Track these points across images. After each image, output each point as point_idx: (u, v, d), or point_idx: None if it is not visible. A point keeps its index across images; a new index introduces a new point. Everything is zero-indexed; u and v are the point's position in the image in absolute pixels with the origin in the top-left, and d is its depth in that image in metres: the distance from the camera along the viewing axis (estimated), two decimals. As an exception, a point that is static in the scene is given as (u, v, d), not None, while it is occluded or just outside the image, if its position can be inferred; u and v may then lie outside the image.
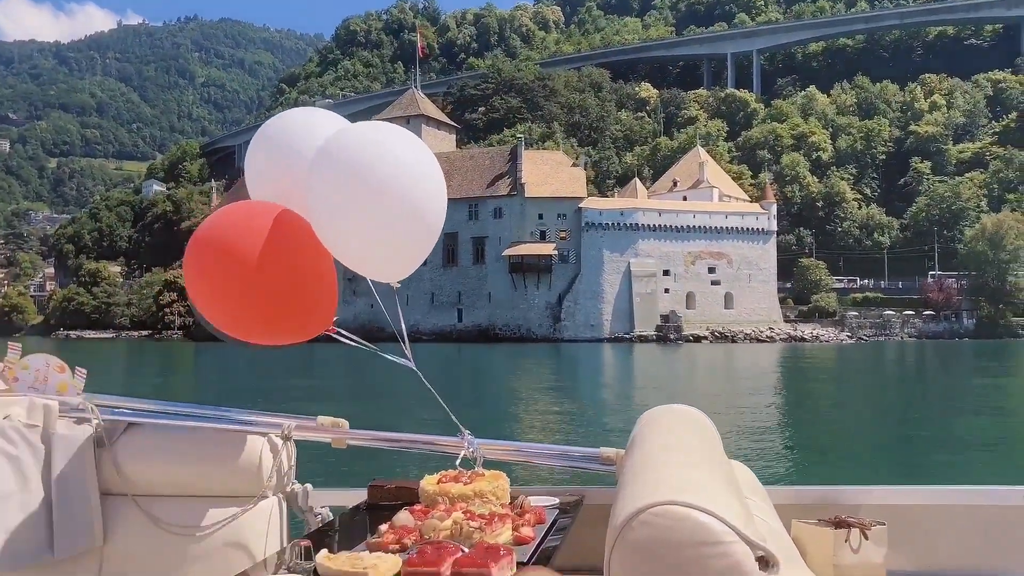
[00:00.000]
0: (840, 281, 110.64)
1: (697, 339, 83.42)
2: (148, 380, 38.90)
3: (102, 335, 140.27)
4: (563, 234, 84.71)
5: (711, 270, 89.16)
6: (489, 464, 2.50)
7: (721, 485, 1.68)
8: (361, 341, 2.67)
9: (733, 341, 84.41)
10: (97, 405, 2.57)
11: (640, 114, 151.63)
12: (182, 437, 2.55)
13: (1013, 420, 22.76)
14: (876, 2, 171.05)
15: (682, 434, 2.13)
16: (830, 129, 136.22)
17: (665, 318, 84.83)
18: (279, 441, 2.58)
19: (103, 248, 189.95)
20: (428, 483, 2.23)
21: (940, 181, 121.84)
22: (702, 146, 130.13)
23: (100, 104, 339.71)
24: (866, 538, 2.18)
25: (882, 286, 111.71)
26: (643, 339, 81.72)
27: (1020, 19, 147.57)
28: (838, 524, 2.20)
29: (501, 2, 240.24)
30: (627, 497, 1.57)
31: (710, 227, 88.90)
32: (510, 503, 2.18)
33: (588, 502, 2.38)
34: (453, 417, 2.66)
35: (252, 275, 2.24)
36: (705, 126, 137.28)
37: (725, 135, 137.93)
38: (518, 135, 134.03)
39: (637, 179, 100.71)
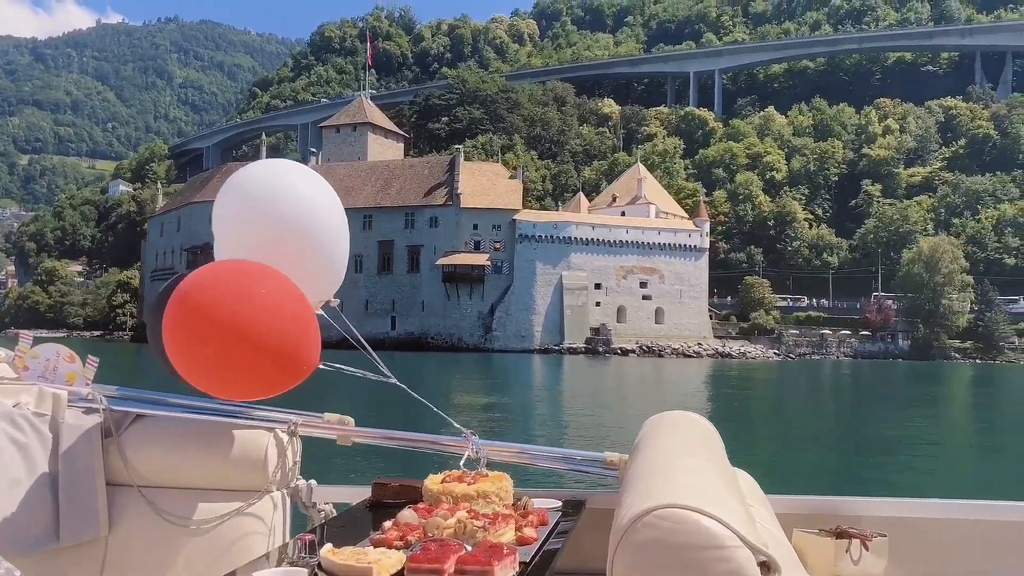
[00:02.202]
0: (784, 300, 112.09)
1: (625, 352, 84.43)
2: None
3: (54, 334, 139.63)
4: (497, 245, 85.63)
5: (643, 284, 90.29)
6: (492, 466, 2.53)
7: (725, 490, 1.68)
8: (348, 368, 2.73)
9: (660, 355, 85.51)
10: (105, 396, 2.60)
11: (601, 129, 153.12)
12: (189, 430, 2.57)
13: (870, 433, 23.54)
14: (839, 26, 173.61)
15: (686, 439, 2.17)
16: (785, 150, 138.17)
17: (595, 331, 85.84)
18: (285, 437, 2.60)
19: (65, 247, 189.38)
20: (432, 482, 2.26)
21: (889, 204, 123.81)
22: (659, 163, 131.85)
23: (75, 102, 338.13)
24: (867, 549, 2.17)
25: (826, 306, 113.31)
26: (572, 351, 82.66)
27: (975, 48, 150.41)
28: (839, 534, 2.20)
29: (478, 14, 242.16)
30: (631, 500, 1.58)
31: (643, 242, 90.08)
32: (513, 504, 2.20)
33: (590, 506, 2.40)
34: (453, 422, 2.70)
35: (240, 338, 2.22)
36: (663, 143, 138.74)
37: (682, 152, 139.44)
38: (475, 146, 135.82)
39: (581, 193, 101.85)
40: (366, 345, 2.67)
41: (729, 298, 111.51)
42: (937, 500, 2.47)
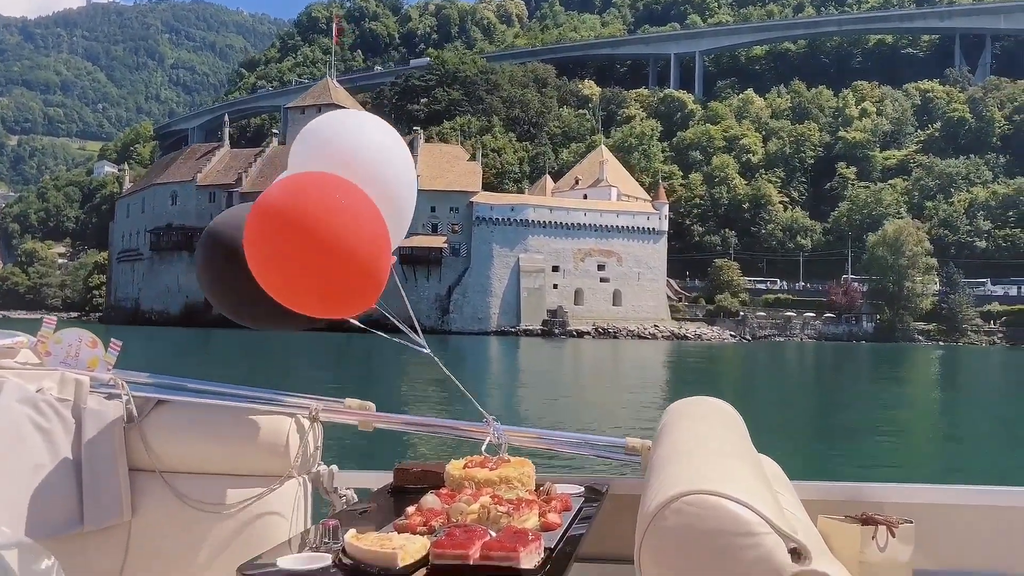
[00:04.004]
0: (754, 283, 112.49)
1: (580, 334, 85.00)
2: None
3: (32, 316, 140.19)
4: (455, 227, 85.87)
5: (600, 267, 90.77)
6: (513, 451, 2.52)
7: (752, 476, 1.68)
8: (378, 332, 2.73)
9: (615, 337, 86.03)
10: (127, 381, 2.61)
11: (581, 111, 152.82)
12: (210, 415, 2.58)
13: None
14: (822, 8, 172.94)
15: (712, 425, 2.18)
16: (763, 132, 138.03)
17: (552, 313, 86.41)
18: (306, 422, 2.61)
19: (49, 228, 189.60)
20: (454, 468, 2.25)
21: (863, 187, 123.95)
22: (636, 146, 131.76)
23: (65, 82, 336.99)
24: (893, 536, 2.15)
25: (796, 288, 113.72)
26: (528, 333, 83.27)
27: (955, 31, 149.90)
28: (865, 521, 2.18)
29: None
30: (658, 486, 1.57)
31: (601, 225, 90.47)
32: (536, 490, 2.20)
33: (613, 491, 2.40)
34: (478, 405, 2.67)
35: (328, 244, 2.19)
36: (640, 125, 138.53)
37: (660, 135, 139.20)
38: (453, 127, 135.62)
39: (548, 175, 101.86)
40: (410, 312, 2.64)
41: (698, 281, 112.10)
42: (964, 486, 2.46)
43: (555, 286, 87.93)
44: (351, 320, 2.48)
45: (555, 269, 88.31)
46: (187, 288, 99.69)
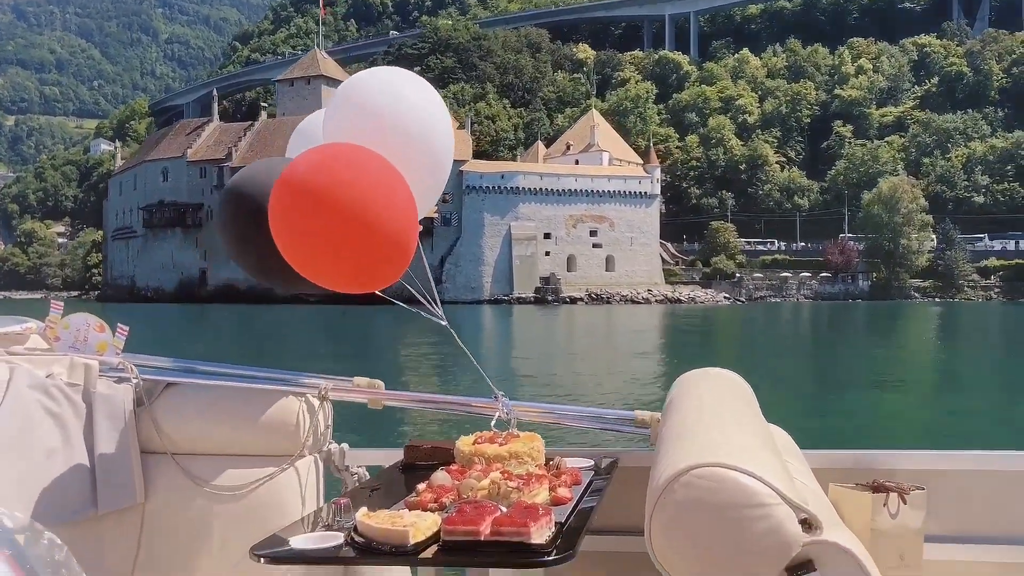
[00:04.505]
0: (751, 244, 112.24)
1: (573, 301, 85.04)
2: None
3: (32, 295, 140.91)
4: (446, 197, 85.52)
5: (592, 233, 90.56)
6: (523, 426, 2.51)
7: (762, 448, 1.69)
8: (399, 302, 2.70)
9: (608, 303, 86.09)
10: (136, 365, 2.63)
11: (576, 76, 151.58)
12: (220, 397, 2.59)
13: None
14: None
15: (721, 397, 2.19)
16: (759, 92, 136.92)
17: (545, 280, 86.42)
18: (316, 401, 2.62)
19: (48, 208, 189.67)
20: (464, 444, 2.26)
21: (860, 145, 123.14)
22: (631, 109, 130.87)
23: (60, 60, 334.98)
24: (904, 503, 2.17)
25: (793, 249, 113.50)
26: (522, 301, 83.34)
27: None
28: (876, 488, 2.20)
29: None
30: (668, 459, 1.58)
31: (592, 191, 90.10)
32: (545, 464, 2.21)
33: (623, 464, 2.40)
34: (488, 380, 2.68)
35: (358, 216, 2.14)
36: (635, 88, 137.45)
37: (655, 97, 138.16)
38: (446, 96, 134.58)
39: (540, 142, 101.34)
40: (431, 282, 2.56)
41: (697, 244, 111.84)
42: (975, 452, 2.44)
43: (547, 253, 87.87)
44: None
45: (547, 236, 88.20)
46: (181, 264, 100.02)
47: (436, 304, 2.61)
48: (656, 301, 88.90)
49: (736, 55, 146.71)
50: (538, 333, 47.56)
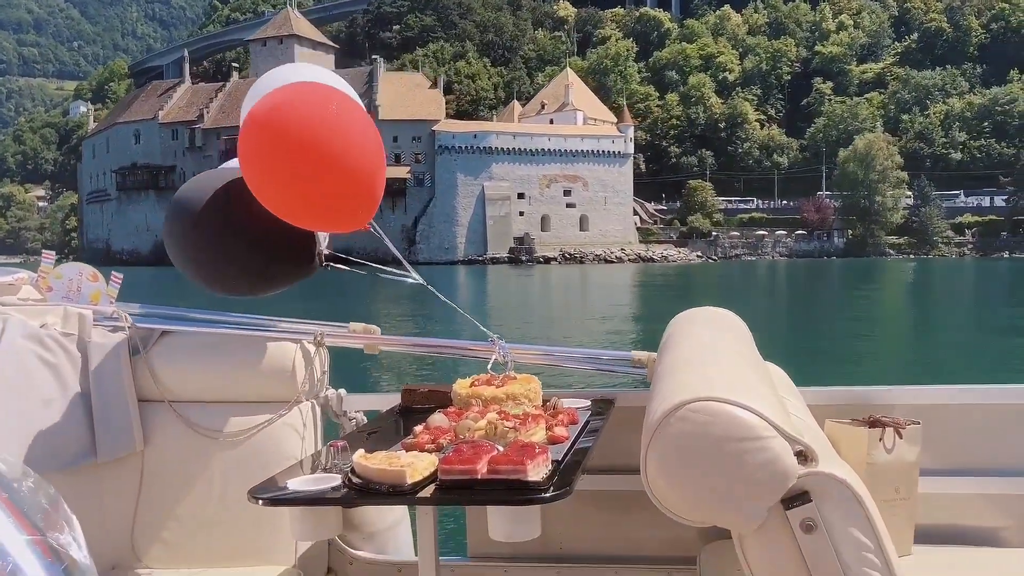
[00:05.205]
0: (729, 202, 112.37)
1: (547, 261, 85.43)
2: None
3: (11, 259, 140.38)
4: (418, 157, 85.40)
5: (567, 192, 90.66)
6: (520, 369, 2.52)
7: (758, 382, 1.70)
8: (369, 264, 2.71)
9: (581, 262, 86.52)
10: (130, 314, 2.61)
11: (557, 34, 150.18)
12: (215, 344, 2.58)
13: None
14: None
15: (716, 334, 2.20)
16: (739, 50, 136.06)
17: (519, 240, 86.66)
18: (312, 347, 2.62)
19: (27, 171, 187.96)
20: (461, 386, 2.27)
21: (840, 102, 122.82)
22: (611, 67, 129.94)
23: (38, 20, 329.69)
24: (900, 437, 2.19)
25: (771, 207, 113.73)
26: (496, 261, 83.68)
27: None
28: (872, 424, 2.22)
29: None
30: (663, 395, 1.59)
31: (566, 150, 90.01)
32: (543, 405, 2.22)
33: (620, 404, 2.40)
34: (480, 326, 2.68)
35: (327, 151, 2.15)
36: (615, 47, 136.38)
37: (635, 55, 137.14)
38: (426, 55, 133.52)
39: (516, 100, 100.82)
40: (393, 246, 2.67)
41: (677, 203, 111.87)
42: (970, 386, 2.46)
43: (521, 213, 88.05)
44: (330, 264, 2.55)
45: (521, 196, 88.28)
46: (155, 227, 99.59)
47: (406, 265, 2.66)
48: (629, 260, 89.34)
49: (717, 12, 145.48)
50: (515, 291, 47.81)
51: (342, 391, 2.71)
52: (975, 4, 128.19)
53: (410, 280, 2.65)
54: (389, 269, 2.67)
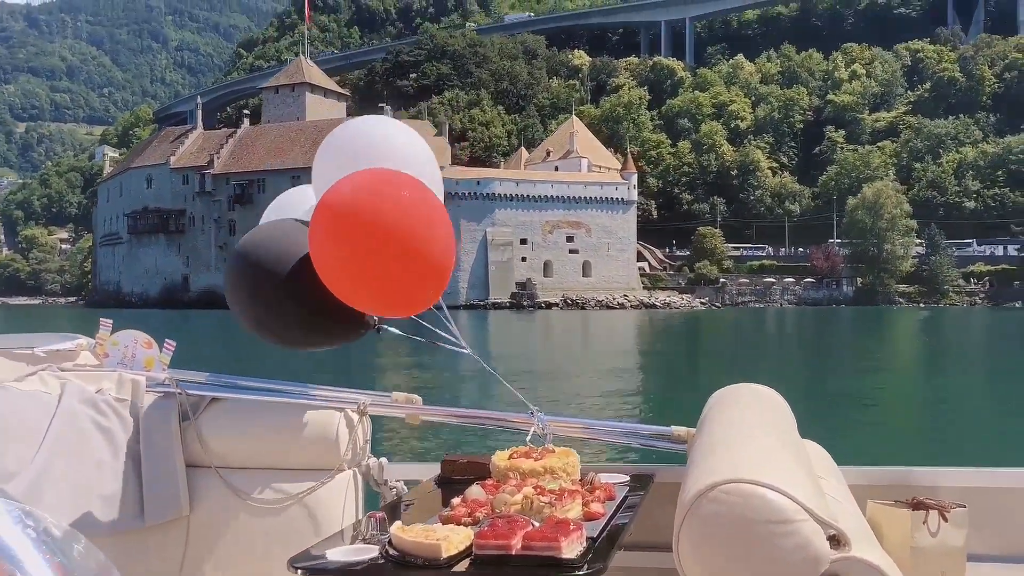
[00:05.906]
0: (739, 249, 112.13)
1: (549, 306, 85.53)
2: None
3: (30, 301, 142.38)
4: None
5: (569, 239, 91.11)
6: (558, 441, 2.52)
7: (792, 463, 1.67)
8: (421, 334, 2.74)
9: (583, 308, 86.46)
10: (180, 380, 2.69)
11: (571, 82, 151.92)
12: (262, 411, 2.63)
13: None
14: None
15: (753, 412, 2.17)
16: (752, 98, 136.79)
17: (521, 285, 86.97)
18: (355, 416, 2.65)
19: (52, 214, 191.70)
20: (499, 459, 2.27)
21: (852, 150, 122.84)
22: (624, 115, 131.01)
23: (70, 68, 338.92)
24: (945, 520, 2.11)
25: (781, 254, 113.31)
26: (497, 306, 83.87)
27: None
28: (916, 506, 2.14)
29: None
30: (697, 474, 1.58)
31: (569, 196, 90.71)
32: (580, 480, 2.21)
33: (659, 480, 2.38)
34: (521, 396, 2.68)
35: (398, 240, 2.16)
36: (627, 94, 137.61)
37: (649, 103, 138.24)
38: (441, 102, 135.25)
39: (523, 148, 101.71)
40: (448, 317, 2.65)
41: (688, 250, 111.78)
42: (1017, 469, 2.40)
43: (524, 259, 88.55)
44: (384, 328, 2.56)
45: (523, 242, 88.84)
46: (164, 270, 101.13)
47: (456, 335, 2.63)
48: (631, 306, 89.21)
49: (730, 61, 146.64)
50: (518, 338, 47.48)
51: (383, 460, 2.72)
52: (988, 54, 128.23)
53: (461, 351, 2.65)
54: (442, 333, 2.66)
